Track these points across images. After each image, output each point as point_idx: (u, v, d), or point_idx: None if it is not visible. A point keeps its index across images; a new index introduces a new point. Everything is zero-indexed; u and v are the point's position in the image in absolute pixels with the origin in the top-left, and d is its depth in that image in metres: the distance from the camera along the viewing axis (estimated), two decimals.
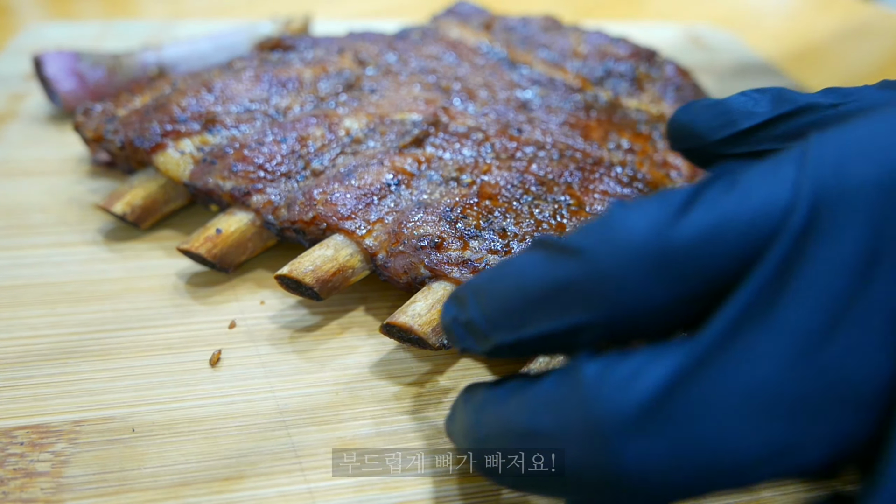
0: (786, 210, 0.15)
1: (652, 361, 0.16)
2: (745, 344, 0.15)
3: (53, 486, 0.23)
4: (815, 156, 0.16)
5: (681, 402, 0.15)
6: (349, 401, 0.27)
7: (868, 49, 0.68)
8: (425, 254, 0.29)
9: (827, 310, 0.15)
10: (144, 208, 0.35)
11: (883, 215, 0.15)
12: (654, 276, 0.16)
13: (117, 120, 0.37)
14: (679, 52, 0.63)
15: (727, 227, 0.16)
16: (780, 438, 0.15)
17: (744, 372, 0.15)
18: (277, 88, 0.40)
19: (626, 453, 0.15)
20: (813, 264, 0.15)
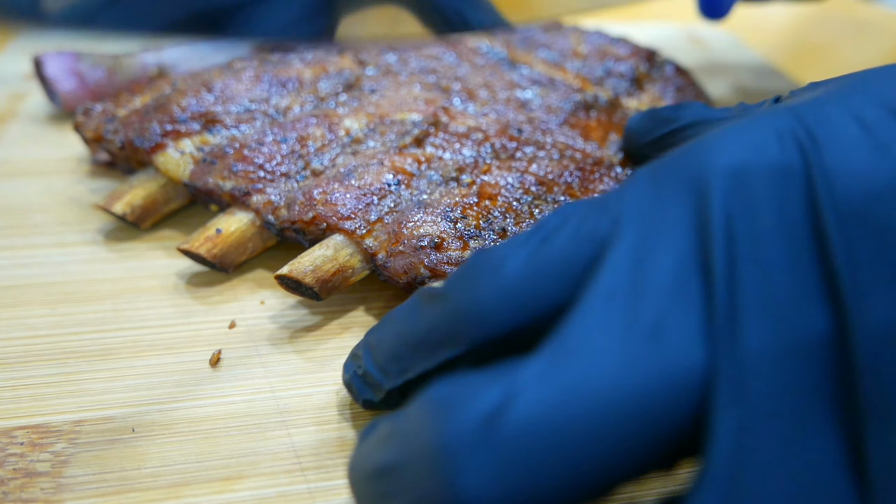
0: (609, 239, 0.18)
1: (491, 381, 0.17)
2: (578, 354, 0.16)
3: (53, 486, 0.23)
4: (634, 190, 0.19)
5: (513, 420, 0.16)
6: (349, 401, 0.27)
7: (868, 49, 0.68)
8: (425, 254, 0.29)
9: (651, 311, 0.16)
10: (144, 208, 0.35)
11: (683, 230, 0.17)
12: (497, 305, 0.18)
13: (117, 120, 0.37)
14: (679, 52, 0.63)
15: (555, 257, 0.18)
16: (618, 445, 0.15)
17: (578, 379, 0.16)
18: (277, 88, 0.40)
19: (461, 478, 0.15)
20: (633, 276, 0.17)
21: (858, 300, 0.16)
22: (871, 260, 0.16)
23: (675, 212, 0.18)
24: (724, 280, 0.16)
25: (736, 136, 0.19)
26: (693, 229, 0.17)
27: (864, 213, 0.16)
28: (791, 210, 0.17)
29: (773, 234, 0.17)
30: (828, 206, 0.17)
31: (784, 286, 0.16)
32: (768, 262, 0.17)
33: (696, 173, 0.18)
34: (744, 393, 0.16)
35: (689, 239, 0.17)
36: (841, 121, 0.18)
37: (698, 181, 0.18)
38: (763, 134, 0.19)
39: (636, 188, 0.19)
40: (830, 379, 0.16)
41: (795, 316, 0.16)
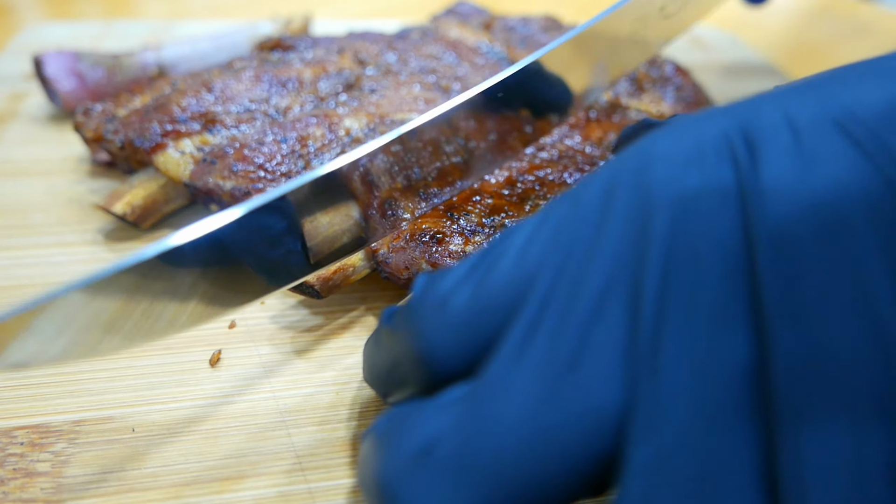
0: (539, 266, 0.17)
1: (426, 418, 0.17)
2: (495, 390, 0.16)
3: (53, 486, 0.23)
4: (569, 206, 0.18)
5: (442, 456, 0.16)
6: (349, 401, 0.27)
7: (868, 49, 0.68)
8: (427, 248, 0.29)
9: (569, 344, 0.16)
10: (145, 208, 0.35)
11: (617, 255, 0.17)
12: (443, 343, 0.18)
13: (117, 120, 0.37)
14: (679, 52, 0.63)
15: (494, 290, 0.18)
16: (535, 479, 0.16)
17: (492, 417, 0.16)
18: (277, 88, 0.40)
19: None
20: (557, 308, 0.17)
21: (780, 328, 0.15)
22: (796, 284, 0.15)
23: (611, 235, 0.17)
24: (651, 309, 0.16)
25: (674, 146, 0.18)
26: (628, 253, 0.17)
27: (793, 232, 0.15)
28: (726, 234, 0.16)
29: (707, 259, 0.16)
30: (760, 228, 0.16)
31: (711, 313, 0.16)
32: (699, 289, 0.16)
33: (635, 192, 0.17)
34: (658, 426, 0.15)
35: (621, 265, 0.17)
36: (775, 128, 0.17)
37: (637, 202, 0.17)
38: (701, 144, 0.17)
39: (579, 203, 0.18)
40: (748, 409, 0.15)
41: (717, 346, 0.16)
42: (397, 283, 0.30)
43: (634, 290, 0.16)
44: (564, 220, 0.18)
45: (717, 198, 0.16)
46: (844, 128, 0.16)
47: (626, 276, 0.16)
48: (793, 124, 0.16)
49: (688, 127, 0.18)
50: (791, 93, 0.18)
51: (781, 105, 0.17)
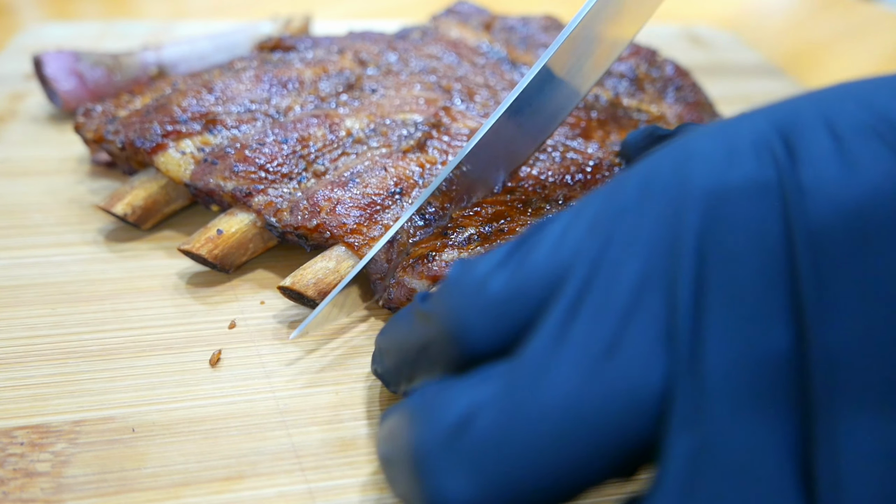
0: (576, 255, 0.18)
1: (461, 393, 0.18)
2: (537, 370, 0.17)
3: (53, 486, 0.23)
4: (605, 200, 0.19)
5: (480, 430, 0.17)
6: (349, 401, 0.27)
7: (868, 49, 0.68)
8: (425, 267, 0.29)
9: (609, 329, 0.17)
10: (145, 209, 0.35)
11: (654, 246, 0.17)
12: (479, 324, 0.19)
13: (118, 121, 0.37)
14: (679, 52, 0.63)
15: (531, 276, 0.18)
16: (573, 458, 0.16)
17: (534, 395, 0.17)
18: (278, 89, 0.40)
19: (434, 478, 0.17)
20: (596, 295, 0.17)
21: (818, 321, 0.16)
22: (836, 284, 0.16)
23: (647, 226, 0.18)
24: (689, 299, 0.16)
25: (712, 146, 0.19)
26: (663, 245, 0.17)
27: (832, 233, 0.16)
28: (765, 228, 0.17)
29: (745, 252, 0.17)
30: (800, 225, 0.16)
31: (751, 304, 0.16)
32: (737, 281, 0.16)
33: (673, 189, 0.18)
34: (701, 412, 0.16)
35: (657, 255, 0.17)
36: (815, 131, 0.17)
37: (674, 197, 0.18)
38: (739, 143, 0.18)
39: (613, 199, 0.19)
40: (787, 399, 0.16)
41: (757, 336, 0.16)
42: None
43: (671, 280, 0.17)
44: (601, 213, 0.19)
45: (758, 193, 0.17)
46: (883, 136, 0.17)
47: (663, 266, 0.17)
48: (833, 129, 0.17)
49: (723, 127, 0.19)
50: (828, 99, 0.18)
51: (820, 110, 0.18)
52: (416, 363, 0.21)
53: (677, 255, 0.17)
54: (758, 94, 0.56)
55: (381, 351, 0.24)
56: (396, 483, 0.19)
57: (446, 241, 0.30)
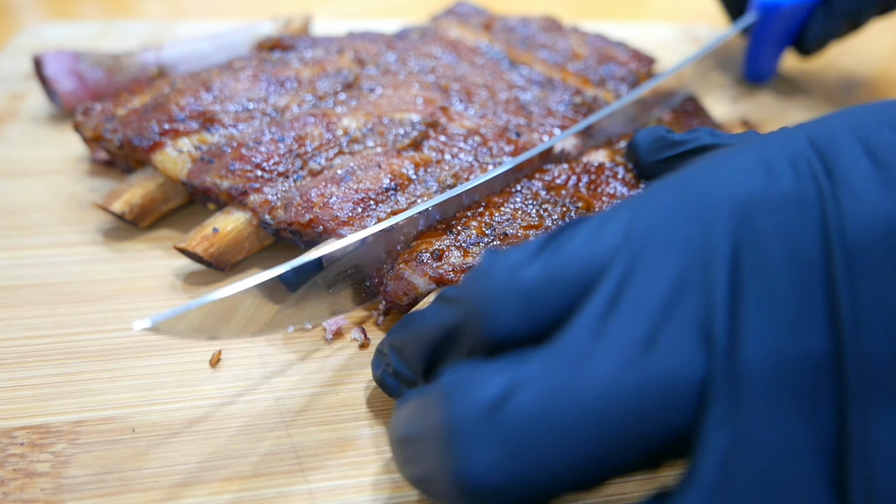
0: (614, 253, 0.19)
1: (497, 373, 0.18)
2: (578, 356, 0.17)
3: (53, 487, 0.23)
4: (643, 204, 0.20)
5: (518, 408, 0.17)
6: (349, 401, 0.27)
7: (868, 49, 0.68)
8: (428, 266, 0.29)
9: (647, 324, 0.17)
10: (143, 207, 0.35)
11: (690, 249, 0.18)
12: (511, 310, 0.19)
13: (116, 119, 0.37)
14: (679, 52, 0.63)
15: (566, 268, 0.19)
16: (608, 444, 0.17)
17: (574, 380, 0.17)
18: (276, 88, 0.40)
19: (465, 455, 0.17)
20: (634, 290, 0.18)
21: (854, 327, 0.17)
22: (870, 295, 0.17)
23: (683, 232, 0.18)
24: (725, 300, 0.17)
25: (749, 160, 0.20)
26: (699, 249, 0.18)
27: (870, 248, 0.17)
28: (803, 239, 0.18)
29: (782, 260, 0.18)
30: (838, 239, 0.17)
31: (788, 308, 0.17)
32: (774, 286, 0.17)
33: (709, 196, 0.19)
34: (738, 410, 0.16)
35: (693, 258, 0.18)
36: (852, 152, 0.19)
37: (710, 204, 0.19)
38: (777, 160, 0.19)
39: (650, 204, 0.20)
40: (823, 398, 0.17)
41: (795, 337, 0.17)
42: (399, 309, 0.31)
43: (707, 282, 0.18)
44: (636, 217, 0.19)
45: (797, 206, 0.18)
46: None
47: (699, 268, 0.18)
48: (871, 152, 0.19)
49: (761, 142, 0.20)
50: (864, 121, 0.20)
51: (857, 132, 0.19)
52: (439, 349, 0.22)
53: (713, 259, 0.18)
54: (757, 93, 0.56)
55: (396, 347, 0.24)
56: (415, 462, 0.19)
57: (452, 241, 0.30)
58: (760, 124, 0.50)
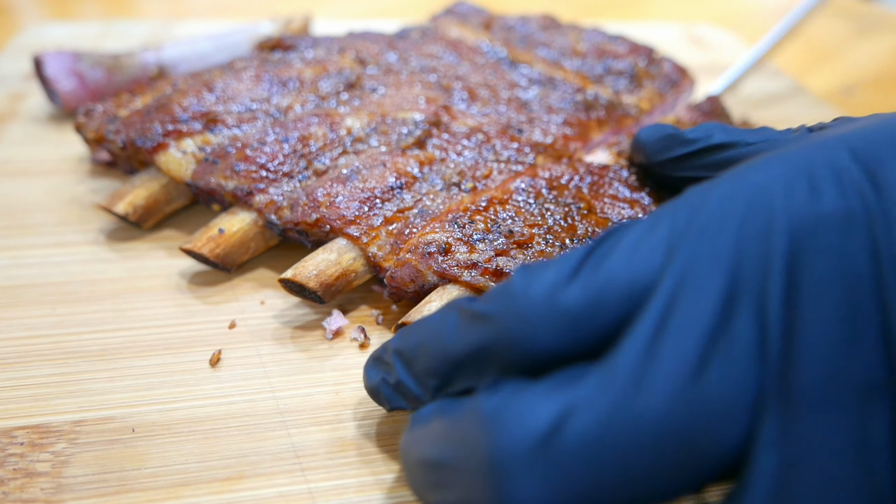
0: (658, 271, 0.18)
1: (545, 398, 0.17)
2: (632, 379, 0.17)
3: (53, 486, 0.23)
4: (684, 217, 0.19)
5: (574, 435, 0.16)
6: (349, 401, 0.27)
7: (868, 49, 0.68)
8: (434, 260, 0.29)
9: (699, 346, 0.17)
10: (146, 208, 0.35)
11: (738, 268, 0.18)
12: (551, 333, 0.18)
13: (119, 120, 0.37)
14: (679, 52, 0.63)
15: (608, 288, 0.18)
16: (670, 461, 0.16)
17: (630, 405, 0.16)
18: (278, 88, 0.40)
19: (513, 491, 0.16)
20: (684, 311, 0.17)
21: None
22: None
23: (730, 248, 0.18)
24: (779, 320, 0.17)
25: (792, 173, 0.19)
26: (747, 266, 0.18)
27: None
28: (852, 257, 0.17)
29: (833, 279, 0.17)
30: (887, 255, 0.17)
31: (840, 329, 0.17)
32: (826, 306, 0.17)
33: (754, 212, 0.19)
34: (790, 429, 0.16)
35: (744, 275, 0.18)
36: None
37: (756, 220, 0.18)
38: (821, 174, 0.19)
39: (691, 217, 0.19)
40: (878, 419, 0.16)
41: (848, 357, 0.17)
42: (404, 296, 0.30)
43: (760, 300, 0.17)
44: (677, 230, 0.19)
45: (844, 223, 0.18)
46: None
47: (751, 286, 0.17)
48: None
49: (800, 154, 0.20)
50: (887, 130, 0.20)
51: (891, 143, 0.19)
52: (460, 368, 0.20)
53: (766, 276, 0.17)
54: (757, 94, 0.56)
55: (405, 358, 0.22)
56: (445, 489, 0.18)
57: (458, 235, 0.30)
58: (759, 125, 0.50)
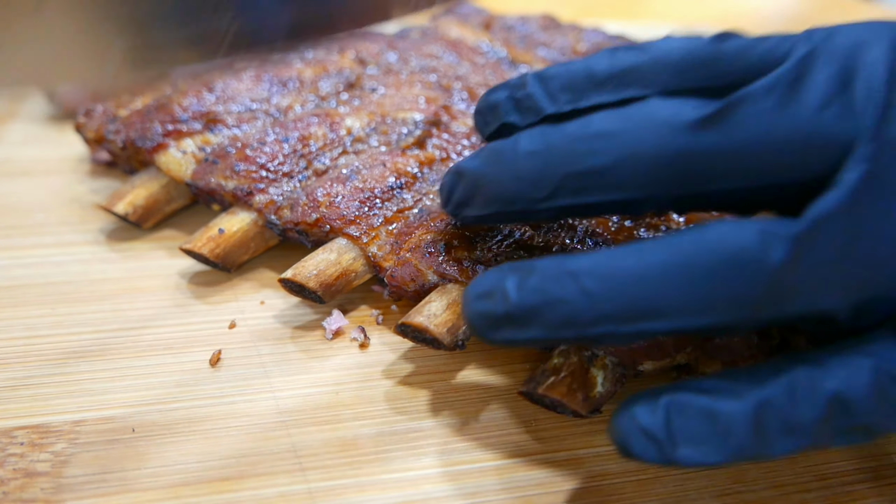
0: (795, 43, 0.23)
1: (702, 103, 0.22)
2: (787, 90, 0.21)
3: (53, 486, 0.23)
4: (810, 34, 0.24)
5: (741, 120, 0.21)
6: (349, 401, 0.27)
7: None
8: (434, 259, 0.29)
9: (828, 93, 0.21)
10: (146, 208, 0.35)
11: (852, 58, 0.22)
12: (695, 60, 0.24)
13: (119, 120, 0.38)
14: None
15: (757, 45, 0.24)
16: (788, 151, 0.21)
17: (789, 106, 0.21)
18: (278, 88, 0.40)
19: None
20: (814, 73, 0.22)
21: None
22: None
23: (850, 42, 0.22)
24: (883, 89, 0.21)
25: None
26: (863, 55, 0.22)
27: None
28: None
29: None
30: None
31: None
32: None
33: (861, 32, 0.23)
34: (876, 157, 0.20)
35: (860, 61, 0.22)
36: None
37: (865, 34, 0.23)
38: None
39: (815, 33, 0.24)
40: None
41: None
42: (404, 295, 0.30)
43: (869, 77, 0.21)
44: (806, 37, 0.24)
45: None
46: None
47: (864, 68, 0.21)
48: None
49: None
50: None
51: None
52: (600, 85, 0.24)
53: (874, 62, 0.21)
54: None
55: (546, 77, 0.25)
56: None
57: (457, 235, 0.30)
58: None
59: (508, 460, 0.25)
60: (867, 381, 0.19)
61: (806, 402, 0.19)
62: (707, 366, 0.27)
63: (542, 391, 0.25)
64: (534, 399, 0.26)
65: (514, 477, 0.25)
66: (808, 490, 0.25)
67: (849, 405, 0.19)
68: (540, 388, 0.25)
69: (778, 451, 0.19)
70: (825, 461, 0.26)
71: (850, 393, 0.19)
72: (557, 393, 0.25)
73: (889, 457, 0.26)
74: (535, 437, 0.26)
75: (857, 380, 0.20)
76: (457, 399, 0.28)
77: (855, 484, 0.25)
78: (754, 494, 0.24)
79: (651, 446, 0.19)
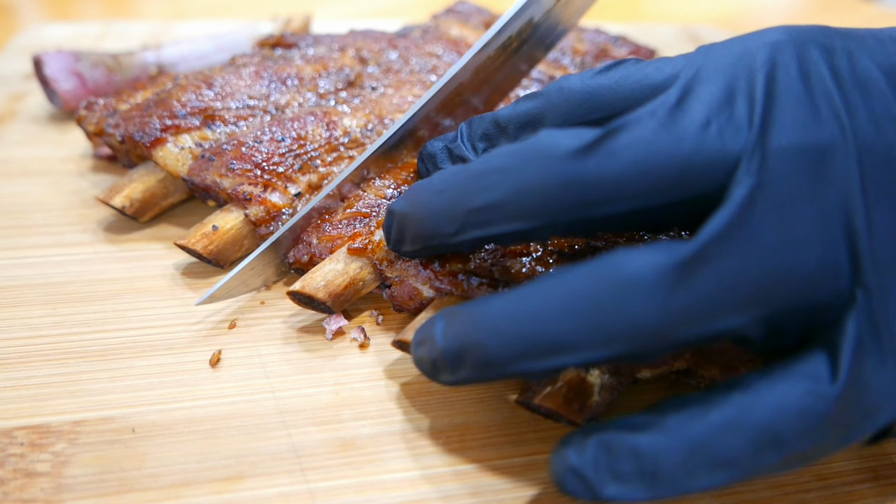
0: (673, 77, 0.24)
1: (587, 130, 0.22)
2: (667, 116, 0.22)
3: (53, 486, 0.23)
4: (690, 56, 0.25)
5: (621, 145, 0.21)
6: (349, 401, 0.27)
7: None
8: (429, 273, 0.29)
9: (706, 114, 0.22)
10: (143, 202, 0.35)
11: (735, 71, 0.23)
12: (585, 103, 0.26)
13: (119, 114, 0.38)
14: (679, 52, 0.63)
15: (633, 76, 0.25)
16: (672, 177, 0.21)
17: (670, 129, 0.21)
18: (277, 85, 0.40)
19: None
20: (697, 94, 0.22)
21: (851, 122, 0.21)
22: (864, 93, 0.22)
23: (730, 61, 0.23)
24: (762, 101, 0.22)
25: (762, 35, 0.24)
26: (743, 70, 0.23)
27: (862, 38, 0.24)
28: (815, 65, 0.23)
29: (798, 77, 0.22)
30: (846, 70, 0.23)
31: (806, 109, 0.21)
32: (795, 94, 0.22)
33: (744, 43, 0.24)
34: (761, 170, 0.20)
35: (739, 75, 0.22)
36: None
37: (746, 47, 0.23)
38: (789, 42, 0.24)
39: (697, 53, 0.24)
40: (835, 179, 0.21)
41: (813, 129, 0.21)
42: (407, 311, 0.30)
43: (750, 91, 0.22)
44: (690, 59, 0.24)
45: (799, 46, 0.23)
46: None
47: (744, 82, 0.22)
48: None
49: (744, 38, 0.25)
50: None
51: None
52: (506, 130, 0.28)
53: (754, 76, 0.22)
54: None
55: (468, 128, 0.30)
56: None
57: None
58: None
59: (508, 460, 0.25)
60: (797, 409, 0.19)
61: (735, 436, 0.19)
62: (706, 370, 0.27)
63: (538, 401, 0.25)
64: (531, 408, 0.26)
65: (514, 477, 0.25)
66: (808, 490, 0.25)
67: (778, 437, 0.19)
68: (536, 398, 0.25)
69: (708, 485, 0.19)
70: (825, 461, 0.26)
71: (779, 425, 0.19)
72: (554, 403, 0.25)
73: (889, 457, 0.26)
74: (536, 438, 0.26)
75: (786, 408, 0.19)
76: (457, 400, 0.28)
77: (855, 484, 0.25)
78: (754, 494, 0.24)
79: (581, 485, 0.20)
